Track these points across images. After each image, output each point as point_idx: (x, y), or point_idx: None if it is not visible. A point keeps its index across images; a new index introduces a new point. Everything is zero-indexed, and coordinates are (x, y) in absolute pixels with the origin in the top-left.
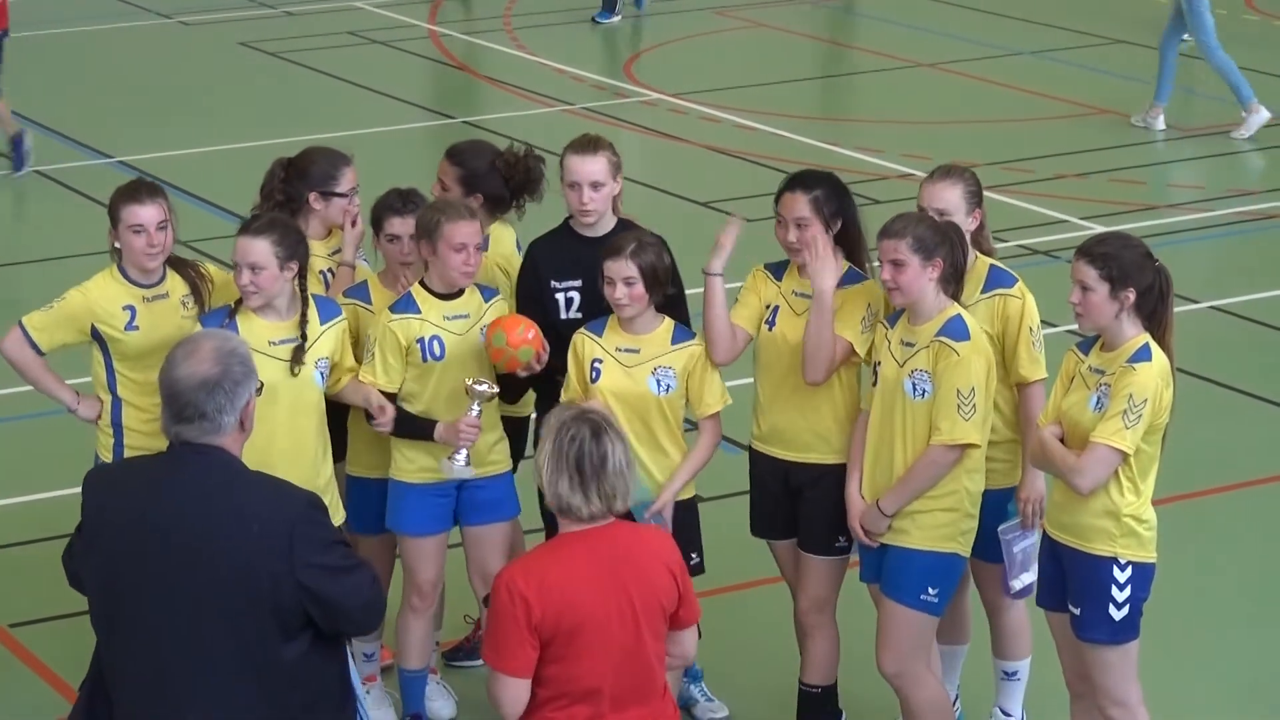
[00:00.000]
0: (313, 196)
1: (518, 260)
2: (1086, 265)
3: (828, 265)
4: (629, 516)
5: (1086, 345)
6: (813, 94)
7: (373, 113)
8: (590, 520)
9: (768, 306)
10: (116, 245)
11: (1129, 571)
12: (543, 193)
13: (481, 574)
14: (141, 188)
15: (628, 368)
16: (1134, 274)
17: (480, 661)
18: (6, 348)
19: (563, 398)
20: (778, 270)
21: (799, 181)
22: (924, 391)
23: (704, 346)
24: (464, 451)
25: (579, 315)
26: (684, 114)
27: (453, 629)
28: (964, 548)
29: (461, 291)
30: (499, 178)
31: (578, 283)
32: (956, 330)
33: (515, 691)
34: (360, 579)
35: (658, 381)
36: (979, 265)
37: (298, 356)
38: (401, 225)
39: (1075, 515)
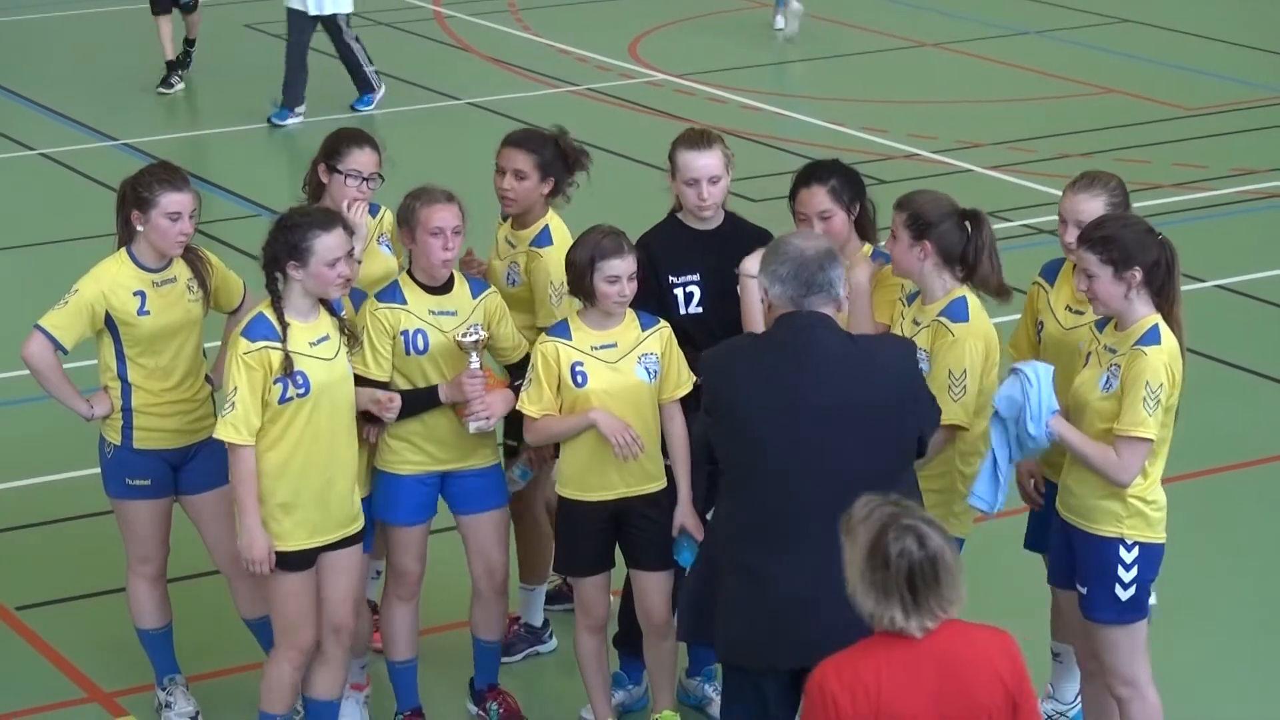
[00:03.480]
0: (321, 167)
1: None
2: (1087, 252)
3: (860, 259)
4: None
5: (1103, 323)
6: (818, 74)
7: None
8: (922, 633)
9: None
10: (140, 229)
11: (1135, 552)
12: (589, 170)
13: (485, 563)
14: (177, 173)
15: (612, 364)
16: (1136, 253)
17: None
18: (31, 354)
19: (530, 408)
20: None
21: (812, 175)
22: (922, 370)
23: (669, 328)
24: (479, 414)
25: (699, 310)
26: (691, 95)
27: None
28: (959, 528)
29: (450, 285)
30: (563, 162)
31: (696, 276)
32: (956, 312)
33: None
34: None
35: (646, 370)
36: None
37: (349, 333)
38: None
39: (1082, 498)
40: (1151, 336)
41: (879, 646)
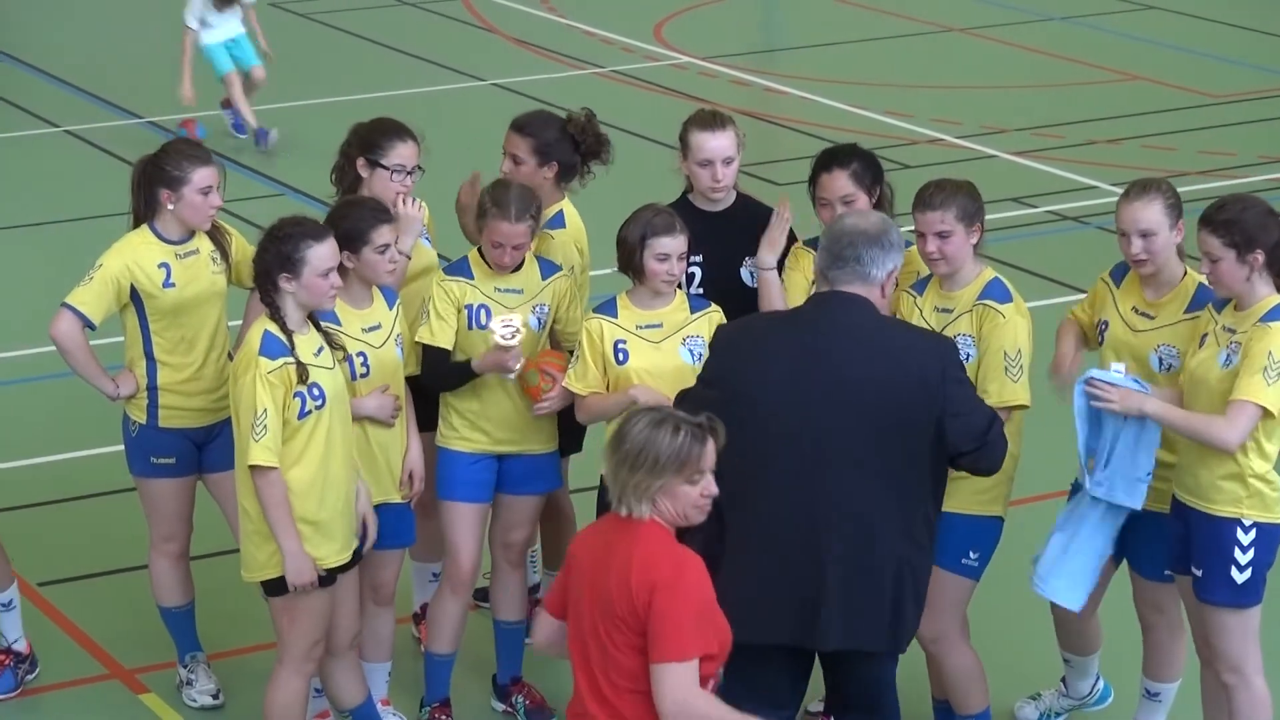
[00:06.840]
0: (360, 162)
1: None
2: (1209, 235)
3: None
4: None
5: (1220, 303)
6: (842, 58)
7: (401, 75)
8: (615, 509)
9: (812, 282)
10: (171, 208)
11: (1253, 534)
12: (611, 158)
13: (505, 538)
14: (200, 148)
15: (655, 343)
16: (1259, 234)
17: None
18: (60, 333)
19: (576, 385)
20: (815, 245)
21: (833, 159)
22: (968, 355)
23: (720, 313)
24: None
25: (700, 291)
26: (714, 77)
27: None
28: (1004, 510)
29: (520, 264)
30: (571, 145)
31: (699, 258)
32: (998, 293)
33: (541, 619)
34: (985, 413)
35: (690, 351)
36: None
37: (338, 345)
38: (391, 233)
39: (1199, 477)
40: (1275, 314)
41: (605, 522)
